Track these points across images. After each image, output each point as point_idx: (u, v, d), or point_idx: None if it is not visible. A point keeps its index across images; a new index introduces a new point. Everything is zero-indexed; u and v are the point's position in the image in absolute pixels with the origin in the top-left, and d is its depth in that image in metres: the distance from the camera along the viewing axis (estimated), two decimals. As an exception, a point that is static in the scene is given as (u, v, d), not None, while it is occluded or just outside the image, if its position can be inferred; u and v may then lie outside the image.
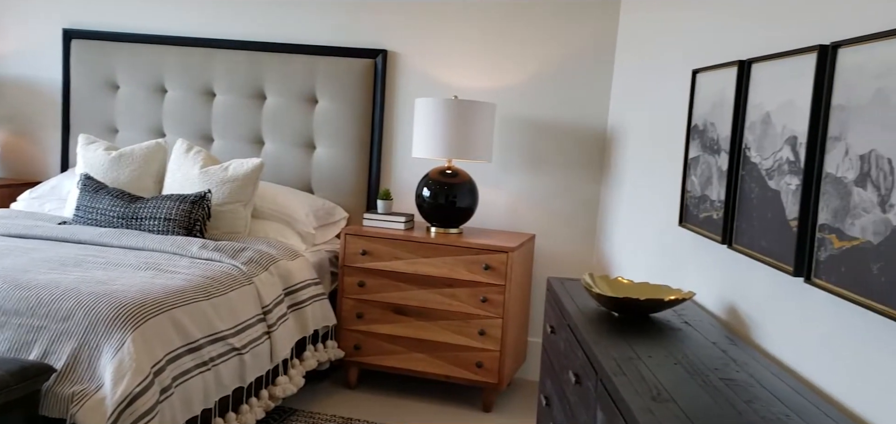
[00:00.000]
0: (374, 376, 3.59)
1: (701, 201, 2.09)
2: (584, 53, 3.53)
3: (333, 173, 3.72)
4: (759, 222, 1.69)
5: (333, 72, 3.69)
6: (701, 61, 2.27)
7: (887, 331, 1.27)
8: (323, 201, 3.62)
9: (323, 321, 3.22)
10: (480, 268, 3.15)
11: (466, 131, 3.24)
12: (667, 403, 1.37)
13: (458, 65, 3.65)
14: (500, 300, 3.15)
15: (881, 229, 1.22)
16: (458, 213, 3.34)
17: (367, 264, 3.29)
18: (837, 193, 1.37)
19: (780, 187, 1.60)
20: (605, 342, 1.74)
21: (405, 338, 3.28)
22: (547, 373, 2.39)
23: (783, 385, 1.50)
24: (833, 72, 1.39)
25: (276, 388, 2.85)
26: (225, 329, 2.52)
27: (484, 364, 3.20)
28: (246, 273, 2.80)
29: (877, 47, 1.26)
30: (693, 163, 2.17)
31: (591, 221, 3.61)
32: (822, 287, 1.40)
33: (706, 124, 2.07)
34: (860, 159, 1.29)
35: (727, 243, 1.89)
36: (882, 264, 1.22)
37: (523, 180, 3.64)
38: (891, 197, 1.20)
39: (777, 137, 1.62)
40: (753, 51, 1.86)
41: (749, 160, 1.77)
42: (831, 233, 1.38)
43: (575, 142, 3.58)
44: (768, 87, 1.68)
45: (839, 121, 1.37)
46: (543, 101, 3.59)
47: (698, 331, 1.89)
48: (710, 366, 1.60)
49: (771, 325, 1.72)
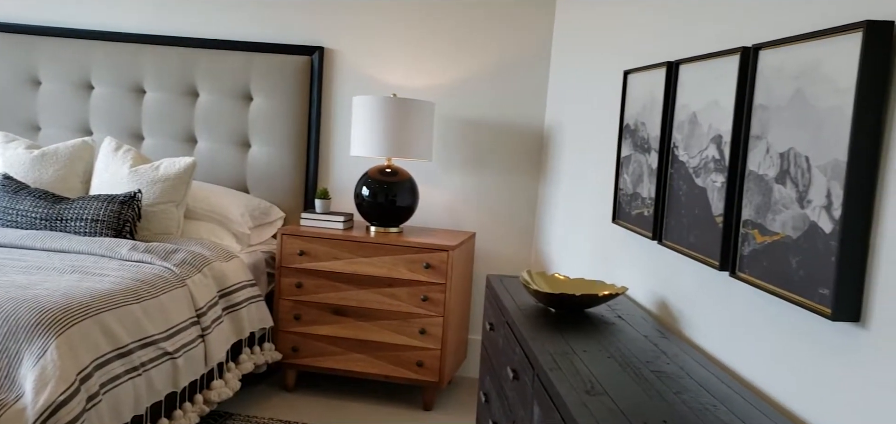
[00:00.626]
0: (313, 378, 3.55)
1: (633, 198, 2.14)
2: (521, 52, 3.58)
3: (269, 172, 3.66)
4: (688, 218, 1.75)
5: (268, 69, 3.62)
6: (632, 62, 2.32)
7: (805, 322, 1.33)
8: (259, 201, 3.56)
9: (259, 324, 3.16)
10: (421, 267, 3.15)
11: (406, 130, 3.23)
12: (600, 396, 1.40)
13: (397, 63, 3.64)
14: (440, 299, 3.16)
15: (800, 225, 1.28)
16: (399, 212, 3.34)
17: (305, 264, 3.25)
18: (759, 190, 1.42)
19: (706, 184, 1.65)
20: (542, 337, 1.77)
21: (344, 339, 3.25)
22: (486, 370, 2.41)
23: (711, 375, 1.56)
24: (755, 73, 1.45)
25: (211, 392, 2.78)
26: (156, 333, 2.45)
27: (424, 363, 3.20)
28: (178, 275, 2.72)
29: (795, 49, 1.32)
30: (625, 161, 2.23)
31: (530, 218, 3.66)
32: (746, 281, 1.46)
33: (637, 124, 2.12)
34: (780, 156, 1.35)
35: (658, 240, 1.94)
36: (800, 257, 1.27)
37: (463, 179, 3.66)
38: (808, 193, 1.26)
39: (703, 136, 1.67)
40: (681, 52, 1.92)
41: (677, 159, 1.82)
42: (754, 228, 1.44)
43: (514, 141, 3.62)
44: (695, 87, 1.74)
45: (761, 120, 1.43)
46: (482, 100, 3.61)
47: (631, 325, 1.94)
48: (641, 359, 1.64)
49: (699, 318, 1.78)
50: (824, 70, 1.22)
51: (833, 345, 1.25)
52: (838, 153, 1.17)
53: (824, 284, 1.20)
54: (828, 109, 1.21)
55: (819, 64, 1.24)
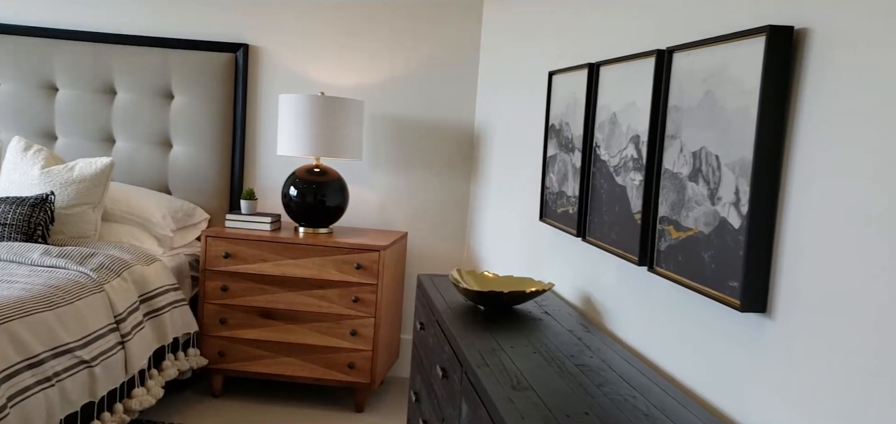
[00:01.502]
0: (241, 383, 3.47)
1: (558, 196, 2.19)
2: (451, 51, 3.59)
3: (192, 172, 3.55)
4: (609, 215, 1.80)
5: (190, 66, 3.51)
6: (556, 63, 2.37)
7: (717, 313, 1.39)
8: (181, 202, 3.45)
9: (183, 329, 3.07)
10: (352, 268, 3.13)
11: (334, 129, 3.20)
12: (526, 391, 1.42)
13: (325, 61, 3.59)
14: (372, 300, 3.14)
15: (711, 220, 1.34)
16: (328, 212, 3.30)
17: (231, 267, 3.17)
18: (674, 187, 1.48)
19: (626, 182, 1.70)
20: (471, 335, 1.79)
21: (273, 342, 3.20)
22: (417, 369, 2.41)
23: (631, 367, 1.61)
24: (669, 75, 1.51)
25: (131, 401, 2.68)
26: (72, 341, 2.34)
27: (356, 365, 3.18)
28: (95, 280, 2.61)
29: (705, 53, 1.37)
30: (551, 161, 2.27)
31: (461, 217, 3.68)
32: (663, 275, 1.51)
33: (562, 124, 2.17)
34: (693, 155, 1.41)
35: (582, 237, 1.99)
36: (712, 252, 1.33)
37: (395, 179, 3.65)
38: (718, 191, 1.31)
39: (623, 136, 1.72)
40: (602, 54, 1.97)
41: (599, 158, 1.87)
42: (670, 225, 1.50)
43: (445, 140, 3.64)
44: (614, 88, 1.79)
45: (675, 121, 1.48)
46: (412, 98, 3.61)
47: (557, 320, 1.98)
48: (566, 353, 1.68)
49: (621, 312, 1.84)
50: (731, 72, 1.28)
51: (743, 335, 1.31)
52: (745, 152, 1.23)
53: (734, 277, 1.26)
54: (735, 109, 1.26)
55: (726, 67, 1.29)
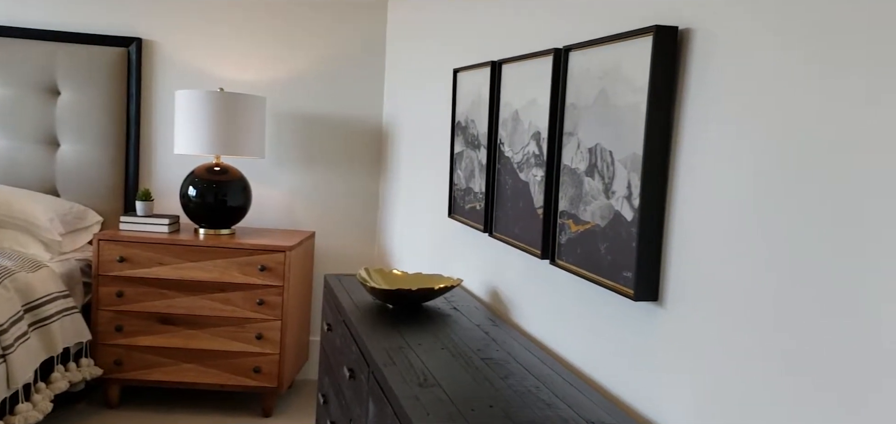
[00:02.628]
0: (140, 392, 3.32)
1: (466, 193, 2.21)
2: (356, 47, 3.56)
3: (83, 172, 3.36)
4: (514, 211, 1.83)
5: (78, 60, 3.32)
6: (461, 60, 2.39)
7: (614, 303, 1.45)
8: (71, 205, 3.25)
9: (75, 338, 2.89)
10: (256, 269, 3.04)
11: (235, 126, 3.10)
12: (432, 387, 1.43)
13: (225, 56, 3.48)
14: (278, 302, 3.07)
15: (606, 214, 1.39)
16: (230, 212, 3.20)
17: (126, 271, 3.02)
18: (573, 182, 1.52)
19: (528, 178, 1.74)
20: (379, 334, 1.78)
21: (173, 349, 3.07)
22: (325, 371, 2.38)
23: (535, 358, 1.65)
24: (566, 73, 1.55)
25: (15, 418, 2.50)
26: (-55, 358, 2.16)
27: (262, 369, 3.10)
28: (-27, 291, 2.42)
29: (599, 51, 1.42)
30: (458, 157, 2.29)
31: (371, 215, 3.65)
32: (563, 268, 1.55)
33: (468, 121, 2.19)
34: (589, 151, 1.45)
35: (488, 232, 2.02)
36: (607, 244, 1.38)
37: (301, 177, 3.58)
38: (613, 185, 1.36)
39: (525, 132, 1.76)
40: (504, 52, 2.01)
41: (503, 155, 1.90)
42: (569, 219, 1.54)
43: (352, 137, 3.60)
44: (516, 86, 1.82)
45: (572, 118, 1.53)
46: (318, 96, 3.55)
47: (465, 316, 2.00)
48: (473, 348, 1.70)
49: (526, 305, 1.88)
50: (624, 71, 1.33)
51: (637, 324, 1.37)
52: (636, 147, 1.28)
53: (628, 268, 1.31)
54: (626, 106, 1.31)
55: (619, 65, 1.34)
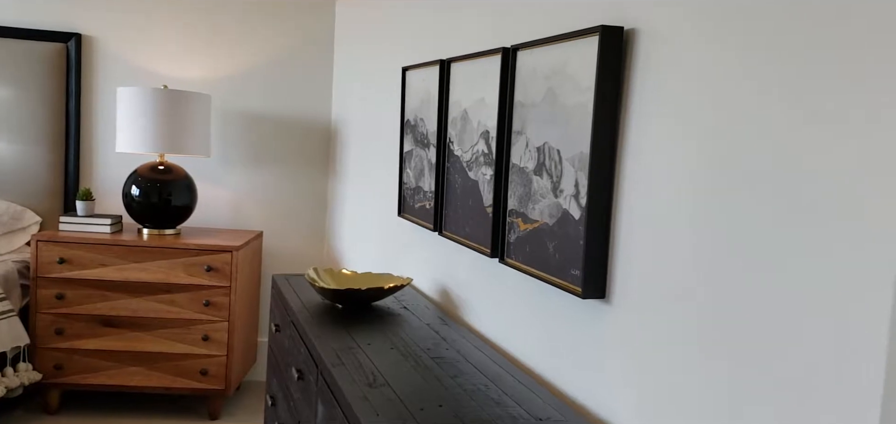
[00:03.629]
0: (81, 396, 3.21)
1: (416, 192, 2.20)
2: (304, 46, 3.51)
3: (19, 171, 3.23)
4: (463, 209, 1.84)
5: (13, 56, 3.19)
6: (410, 59, 2.39)
7: (562, 301, 1.46)
8: (7, 205, 3.13)
9: (12, 342, 2.78)
10: (202, 270, 2.98)
11: (179, 124, 3.03)
12: (382, 387, 1.42)
13: (168, 53, 3.39)
14: (225, 303, 3.01)
15: (555, 212, 1.40)
16: (174, 212, 3.12)
17: (67, 273, 2.91)
18: (521, 181, 1.53)
19: (477, 177, 1.75)
20: (328, 334, 1.76)
21: (116, 352, 2.98)
22: (273, 373, 2.34)
23: (485, 357, 1.65)
24: (514, 72, 1.56)
25: (-53, 429, 2.40)
26: None
27: (209, 371, 3.03)
28: None
29: (546, 51, 1.43)
30: (408, 156, 2.28)
31: (320, 215, 3.61)
32: (513, 266, 1.56)
33: (417, 120, 2.18)
34: (537, 150, 1.46)
35: (438, 231, 2.02)
36: (556, 242, 1.39)
37: (248, 176, 3.52)
38: (560, 183, 1.38)
39: (474, 131, 1.76)
40: (452, 51, 2.01)
41: (453, 153, 1.90)
42: (518, 217, 1.55)
43: (301, 136, 3.55)
44: (465, 85, 1.82)
45: (520, 117, 1.54)
46: (265, 94, 3.49)
47: (415, 315, 1.99)
48: (423, 347, 1.69)
49: (476, 303, 1.88)
50: (570, 70, 1.34)
51: (584, 320, 1.39)
52: (583, 146, 1.30)
53: (576, 265, 1.32)
54: (574, 105, 1.33)
55: (566, 65, 1.36)
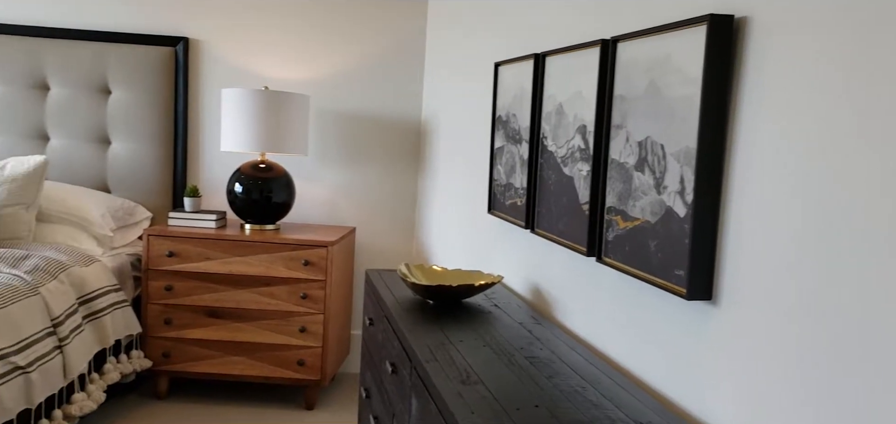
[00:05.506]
0: (188, 384, 3.38)
1: (507, 188, 2.18)
2: (397, 43, 3.56)
3: (133, 169, 3.43)
4: (557, 206, 1.80)
5: (128, 60, 3.39)
6: (503, 54, 2.37)
7: (664, 302, 1.41)
8: (122, 201, 3.33)
9: (126, 330, 2.96)
10: (299, 264, 3.07)
11: (279, 124, 3.13)
12: (475, 385, 1.41)
13: (269, 55, 3.52)
14: (320, 296, 3.09)
15: (657, 210, 1.35)
16: (274, 208, 3.23)
17: (175, 265, 3.08)
18: (621, 177, 1.48)
19: (573, 173, 1.71)
20: (420, 329, 1.77)
21: (220, 342, 3.12)
22: (367, 365, 2.38)
23: (580, 358, 1.61)
24: (614, 64, 1.51)
25: (71, 407, 2.58)
26: (5, 347, 2.23)
27: (306, 362, 3.12)
28: (30, 283, 2.50)
29: (648, 42, 1.38)
30: (499, 152, 2.26)
31: (410, 211, 3.65)
32: (611, 265, 1.52)
33: (509, 115, 2.16)
34: (638, 145, 1.41)
35: (530, 228, 1.99)
36: (658, 241, 1.34)
37: (342, 173, 3.60)
38: (664, 180, 1.32)
39: (570, 126, 1.73)
40: (547, 44, 1.97)
41: (546, 149, 1.87)
42: (617, 215, 1.50)
43: (392, 133, 3.60)
44: (560, 79, 1.79)
45: (620, 110, 1.49)
46: (359, 93, 3.57)
47: (507, 313, 1.97)
48: (516, 346, 1.67)
49: (570, 303, 1.84)
50: (674, 62, 1.29)
51: (689, 323, 1.33)
52: (689, 141, 1.24)
53: (679, 265, 1.27)
54: (678, 98, 1.27)
55: (670, 56, 1.30)
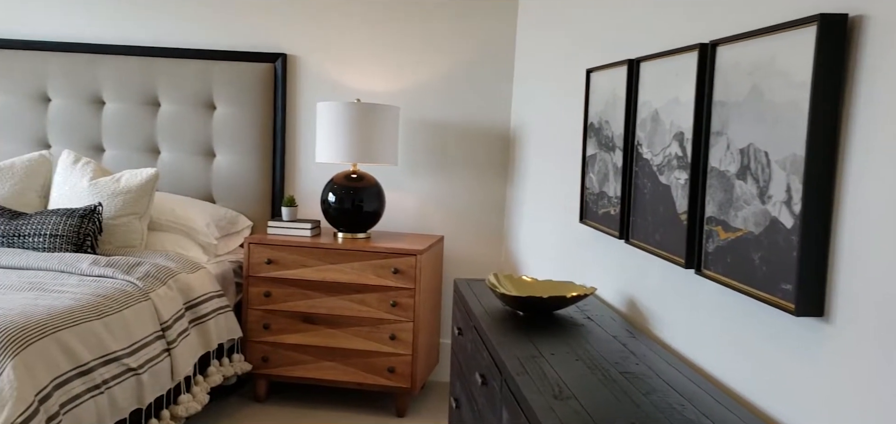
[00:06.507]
0: (285, 388, 3.50)
1: (599, 197, 2.14)
2: (485, 52, 3.56)
3: (235, 180, 3.60)
4: (653, 216, 1.75)
5: (231, 77, 3.56)
6: (594, 60, 2.32)
7: (770, 317, 1.33)
8: (225, 211, 3.50)
9: (228, 335, 3.10)
10: (389, 272, 3.12)
11: (370, 135, 3.20)
12: (568, 400, 1.38)
13: (361, 67, 3.60)
14: (410, 304, 3.13)
15: (761, 220, 1.28)
16: (365, 217, 3.30)
17: (273, 273, 3.20)
18: (722, 186, 1.42)
19: (670, 181, 1.65)
20: (510, 341, 1.75)
21: (314, 347, 3.21)
22: (456, 375, 2.39)
23: (678, 374, 1.55)
24: (713, 69, 1.45)
25: (178, 407, 2.72)
26: (119, 349, 2.38)
27: (396, 369, 3.17)
28: (142, 289, 2.66)
29: (750, 45, 1.32)
30: (591, 160, 2.22)
31: (498, 220, 3.64)
32: (711, 278, 1.45)
33: (601, 122, 2.12)
34: (740, 152, 1.35)
35: (625, 238, 1.94)
36: (762, 253, 1.27)
37: (431, 182, 3.64)
38: (769, 189, 1.25)
39: (666, 133, 1.67)
40: (642, 50, 1.92)
41: (641, 157, 1.82)
42: (717, 225, 1.44)
43: (481, 142, 3.61)
44: (656, 84, 1.73)
45: (720, 116, 1.42)
46: (448, 102, 3.59)
47: (600, 326, 1.93)
48: (610, 360, 1.63)
49: (667, 316, 1.78)
50: (779, 65, 1.22)
51: (798, 340, 1.25)
52: (796, 147, 1.17)
53: (787, 279, 1.20)
54: (784, 103, 1.20)
55: (774, 59, 1.24)
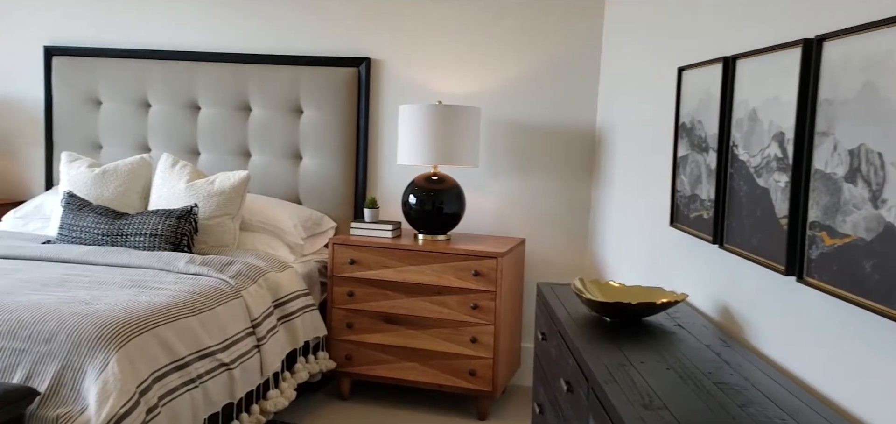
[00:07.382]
0: (367, 386, 3.55)
1: (691, 200, 2.06)
2: (570, 51, 3.51)
3: (320, 182, 3.69)
4: (750, 220, 1.67)
5: (317, 81, 3.65)
6: (686, 58, 2.24)
7: (882, 330, 1.24)
8: (311, 212, 3.59)
9: (313, 333, 3.18)
10: (470, 274, 3.12)
11: (451, 137, 3.21)
12: (659, 410, 1.34)
13: (442, 70, 3.62)
14: (491, 307, 3.12)
15: (874, 226, 1.20)
16: (446, 219, 3.31)
17: (356, 273, 3.25)
18: (827, 189, 1.34)
19: (768, 184, 1.57)
20: (596, 348, 1.71)
21: (396, 347, 3.24)
22: (540, 380, 2.36)
23: (778, 386, 1.48)
24: (819, 66, 1.37)
25: (267, 403, 2.81)
26: (213, 345, 2.48)
27: (477, 372, 3.16)
28: (234, 287, 2.76)
29: (862, 39, 1.23)
30: (682, 162, 2.15)
31: (582, 223, 3.58)
32: (815, 286, 1.37)
33: (693, 122, 2.04)
34: (849, 154, 1.27)
35: (718, 243, 1.86)
36: (875, 261, 1.19)
37: (512, 184, 3.61)
38: (882, 192, 1.17)
39: (764, 133, 1.59)
40: (738, 46, 1.84)
41: (737, 158, 1.74)
42: (822, 230, 1.36)
43: (564, 143, 3.55)
44: (753, 83, 1.65)
45: (826, 116, 1.34)
46: (530, 102, 3.56)
47: (691, 334, 1.86)
48: (703, 370, 1.57)
49: (765, 325, 1.69)
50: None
51: (914, 355, 1.16)
52: (915, 149, 1.09)
53: (902, 290, 1.11)
54: (902, 101, 1.12)
55: (891, 54, 1.15)
